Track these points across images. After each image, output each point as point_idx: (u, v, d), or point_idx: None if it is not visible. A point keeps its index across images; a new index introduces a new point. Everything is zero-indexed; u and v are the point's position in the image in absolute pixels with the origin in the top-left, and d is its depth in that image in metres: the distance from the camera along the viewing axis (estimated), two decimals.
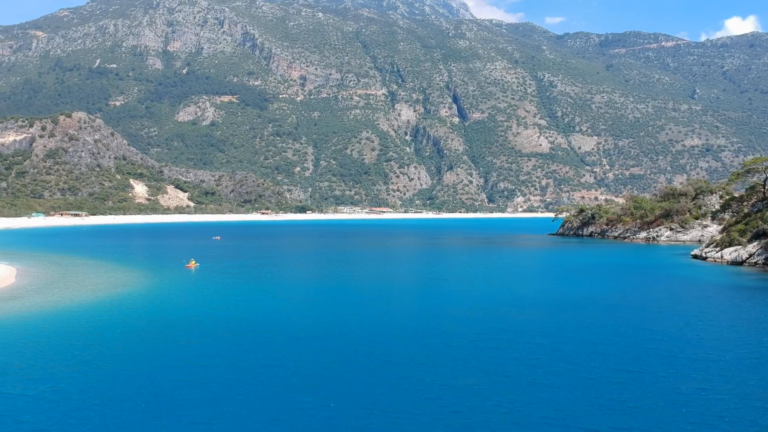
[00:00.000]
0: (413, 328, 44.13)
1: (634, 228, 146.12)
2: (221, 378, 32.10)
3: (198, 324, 45.23)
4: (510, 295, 60.14)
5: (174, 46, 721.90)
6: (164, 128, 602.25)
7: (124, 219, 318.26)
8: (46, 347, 38.10)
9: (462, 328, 43.94)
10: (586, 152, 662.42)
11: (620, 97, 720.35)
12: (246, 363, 34.92)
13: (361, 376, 32.49)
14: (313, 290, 64.40)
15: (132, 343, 39.37)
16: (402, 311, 51.88)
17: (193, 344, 39.18)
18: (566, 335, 41.63)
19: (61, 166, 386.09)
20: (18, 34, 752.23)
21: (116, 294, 58.48)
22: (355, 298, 58.40)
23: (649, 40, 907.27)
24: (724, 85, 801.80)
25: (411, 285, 71.11)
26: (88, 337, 40.89)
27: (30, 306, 51.13)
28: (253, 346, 39.03)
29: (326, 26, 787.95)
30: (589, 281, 70.98)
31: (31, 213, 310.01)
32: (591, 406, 28.02)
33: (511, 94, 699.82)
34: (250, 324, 45.24)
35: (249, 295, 59.54)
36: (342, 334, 42.16)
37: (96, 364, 34.61)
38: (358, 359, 35.83)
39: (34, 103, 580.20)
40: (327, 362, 35.09)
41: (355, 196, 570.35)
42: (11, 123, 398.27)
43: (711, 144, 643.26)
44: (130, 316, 47.96)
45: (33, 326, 43.74)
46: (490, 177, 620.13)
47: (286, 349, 37.97)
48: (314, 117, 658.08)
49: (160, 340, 40.41)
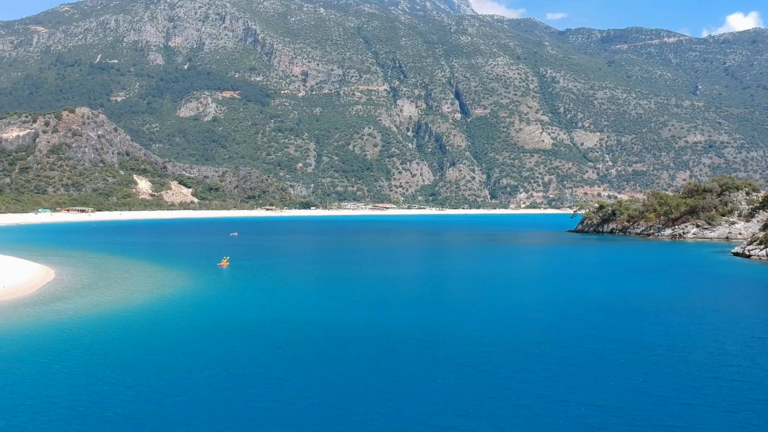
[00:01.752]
0: (497, 333, 42.00)
1: (658, 225, 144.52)
2: (305, 385, 30.58)
3: (262, 327, 43.62)
4: (574, 295, 58.21)
5: (175, 42, 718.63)
6: (166, 124, 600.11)
7: (130, 215, 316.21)
8: (114, 353, 36.56)
9: (550, 334, 42.01)
10: (588, 148, 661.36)
11: (622, 93, 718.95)
12: (327, 369, 33.42)
13: (481, 396, 30.17)
14: (365, 290, 62.32)
15: (202, 349, 37.77)
16: (472, 314, 49.50)
17: (265, 349, 37.57)
18: (673, 345, 38.81)
19: (65, 161, 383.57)
20: (19, 29, 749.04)
21: (163, 295, 56.77)
22: (411, 298, 56.85)
23: (651, 36, 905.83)
24: (726, 81, 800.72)
25: (464, 285, 68.48)
26: (154, 341, 39.34)
27: (78, 308, 49.38)
28: (326, 351, 37.55)
29: (328, 22, 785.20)
30: (645, 281, 69.30)
31: (38, 209, 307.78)
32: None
33: (513, 90, 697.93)
34: (318, 328, 43.45)
35: (302, 296, 57.74)
36: (425, 339, 40.15)
37: (175, 370, 33.09)
38: (465, 372, 33.58)
39: (36, 99, 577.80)
40: (421, 372, 33.45)
41: (358, 192, 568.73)
42: (14, 118, 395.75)
43: (714, 140, 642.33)
44: (186, 318, 46.40)
45: (88, 330, 42.13)
46: (492, 173, 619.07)
47: (365, 356, 36.24)
48: (316, 113, 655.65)
49: (232, 345, 38.68)
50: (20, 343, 38.25)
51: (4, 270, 65.16)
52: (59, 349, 36.85)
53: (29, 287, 57.30)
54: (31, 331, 41.35)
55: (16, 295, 53.49)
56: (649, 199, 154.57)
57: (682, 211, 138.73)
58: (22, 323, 43.44)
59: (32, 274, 64.90)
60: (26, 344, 37.93)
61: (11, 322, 43.64)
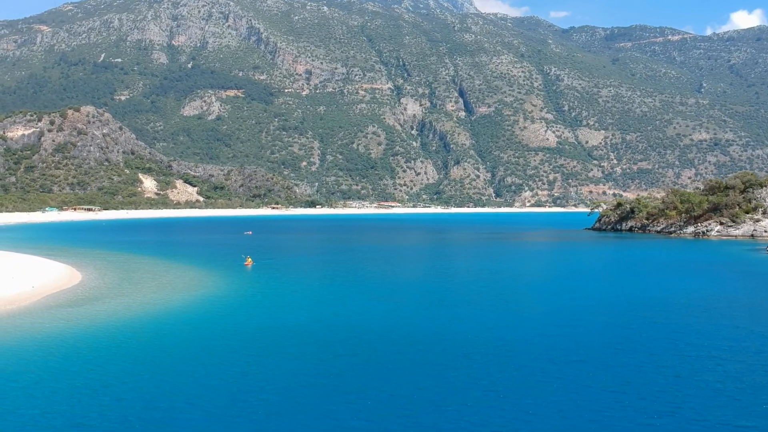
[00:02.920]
0: (571, 338, 39.78)
1: (679, 223, 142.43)
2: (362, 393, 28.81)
3: (313, 331, 41.64)
4: (631, 296, 56.02)
5: (179, 41, 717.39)
6: (170, 123, 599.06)
7: (137, 214, 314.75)
8: (167, 360, 34.83)
9: (625, 335, 40.16)
10: (593, 146, 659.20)
11: (627, 91, 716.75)
12: (407, 378, 31.65)
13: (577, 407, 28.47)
14: (408, 290, 60.01)
15: (245, 354, 35.94)
16: (536, 316, 47.04)
17: (312, 354, 35.82)
18: (747, 348, 37.05)
19: (70, 160, 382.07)
20: (22, 28, 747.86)
21: (198, 296, 54.79)
22: (459, 299, 54.85)
23: (655, 34, 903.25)
24: (731, 79, 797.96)
25: (513, 285, 65.44)
26: (205, 346, 37.49)
27: (114, 310, 47.63)
28: (376, 356, 35.70)
29: (331, 20, 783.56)
30: (689, 279, 67.49)
31: (45, 208, 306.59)
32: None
33: (517, 88, 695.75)
34: (378, 333, 41.17)
35: (345, 298, 55.17)
36: (496, 345, 37.88)
37: (235, 379, 31.37)
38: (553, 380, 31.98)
39: (40, 98, 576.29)
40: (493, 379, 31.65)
41: (362, 191, 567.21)
42: (20, 117, 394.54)
43: (719, 138, 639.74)
44: (230, 321, 44.39)
45: (132, 333, 40.42)
46: (497, 171, 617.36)
47: (440, 364, 34.30)
48: (320, 111, 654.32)
49: (291, 352, 36.75)
50: (68, 346, 36.47)
51: (30, 270, 63.45)
52: (106, 352, 35.10)
53: (57, 287, 55.54)
54: (73, 334, 39.50)
55: (45, 294, 51.74)
56: (669, 197, 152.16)
57: (705, 209, 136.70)
58: (61, 326, 41.58)
59: (58, 274, 63.19)
60: (73, 348, 36.15)
61: (50, 325, 41.84)
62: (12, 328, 40.77)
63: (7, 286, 52.62)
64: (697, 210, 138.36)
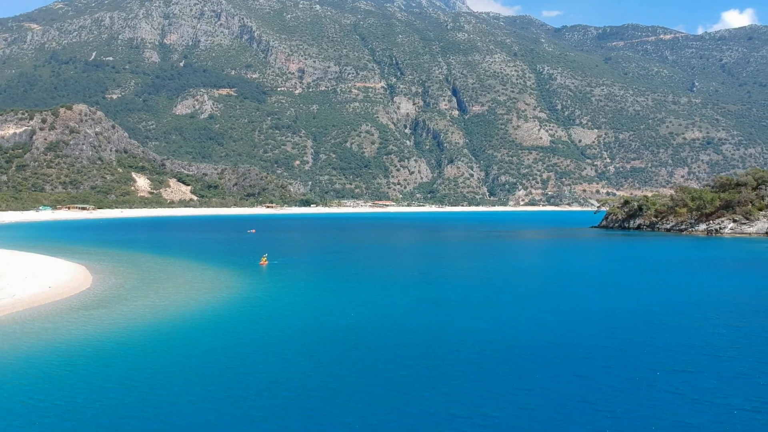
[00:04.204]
0: (643, 339, 37.72)
1: (690, 220, 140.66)
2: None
3: (361, 333, 39.44)
4: (682, 295, 54.12)
5: (171, 39, 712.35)
6: (162, 121, 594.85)
7: (132, 213, 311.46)
8: (200, 363, 32.69)
9: (704, 338, 38.00)
10: (586, 145, 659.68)
11: (620, 90, 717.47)
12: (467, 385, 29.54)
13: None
14: (441, 289, 57.29)
15: (304, 362, 33.79)
16: (592, 316, 44.71)
17: (385, 361, 33.75)
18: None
19: (62, 159, 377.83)
20: (13, 26, 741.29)
21: (221, 297, 52.27)
22: (496, 299, 52.63)
23: (647, 33, 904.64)
24: (722, 78, 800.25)
25: (552, 284, 62.96)
26: (238, 349, 35.48)
27: (138, 312, 45.29)
28: (454, 364, 33.56)
29: (324, 18, 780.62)
30: (733, 278, 65.69)
31: (38, 207, 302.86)
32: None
33: (510, 87, 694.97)
34: (425, 335, 38.98)
35: (379, 298, 52.43)
36: (556, 348, 35.83)
37: (277, 385, 29.21)
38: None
39: (30, 96, 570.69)
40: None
41: (356, 190, 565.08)
42: (11, 115, 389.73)
43: (712, 137, 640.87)
44: (263, 324, 42.06)
45: (161, 336, 38.20)
46: (490, 170, 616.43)
47: (508, 371, 32.25)
48: (313, 110, 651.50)
49: (343, 356, 34.74)
50: (100, 351, 34.18)
51: (41, 269, 60.85)
52: (142, 360, 32.83)
53: (74, 288, 52.98)
54: (104, 338, 37.19)
55: (63, 295, 49.24)
56: (678, 194, 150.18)
57: (717, 206, 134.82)
58: (89, 330, 39.20)
59: (72, 273, 60.57)
60: (106, 353, 33.92)
61: (76, 329, 39.50)
62: (39, 330, 38.46)
63: (24, 287, 50.09)
64: (708, 207, 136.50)
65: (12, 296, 46.37)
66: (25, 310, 43.69)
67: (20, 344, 35.13)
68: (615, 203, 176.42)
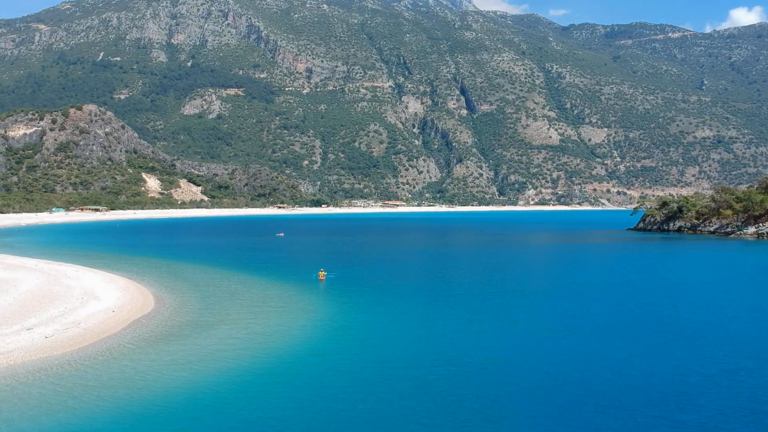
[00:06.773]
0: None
1: (736, 222, 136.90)
2: None
3: (493, 370, 35.63)
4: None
5: (178, 39, 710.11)
6: (170, 122, 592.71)
7: (145, 214, 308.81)
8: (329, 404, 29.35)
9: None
10: (596, 144, 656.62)
11: (629, 89, 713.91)
12: None
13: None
14: (566, 317, 49.44)
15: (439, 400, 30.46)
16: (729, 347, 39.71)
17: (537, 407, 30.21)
18: None
19: (73, 159, 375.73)
20: (20, 27, 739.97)
21: (299, 323, 47.00)
22: (640, 328, 45.56)
23: (656, 31, 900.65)
24: (732, 76, 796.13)
25: (653, 305, 55.84)
26: (360, 389, 32.00)
27: (217, 345, 40.79)
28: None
29: (331, 18, 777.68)
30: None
31: (52, 208, 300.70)
32: None
33: (519, 86, 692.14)
34: (572, 379, 35.19)
35: (491, 327, 45.88)
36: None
37: None
38: None
39: (39, 97, 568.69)
40: None
41: (365, 190, 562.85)
42: (21, 116, 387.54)
43: (722, 135, 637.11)
44: (370, 354, 38.45)
45: (258, 375, 34.55)
46: (500, 170, 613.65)
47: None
48: (321, 110, 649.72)
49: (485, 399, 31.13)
50: (208, 398, 30.68)
51: (93, 287, 57.09)
52: (249, 404, 29.55)
53: (137, 310, 49.06)
54: (198, 380, 33.53)
55: (129, 320, 45.36)
56: (721, 195, 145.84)
57: (766, 208, 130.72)
58: (176, 369, 35.32)
59: (127, 291, 57.01)
60: (215, 400, 30.43)
61: (162, 367, 35.33)
62: (125, 369, 34.54)
63: (86, 312, 46.35)
64: (757, 209, 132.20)
65: (77, 325, 42.77)
66: (95, 342, 39.57)
67: (107, 393, 31.33)
68: (652, 204, 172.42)
